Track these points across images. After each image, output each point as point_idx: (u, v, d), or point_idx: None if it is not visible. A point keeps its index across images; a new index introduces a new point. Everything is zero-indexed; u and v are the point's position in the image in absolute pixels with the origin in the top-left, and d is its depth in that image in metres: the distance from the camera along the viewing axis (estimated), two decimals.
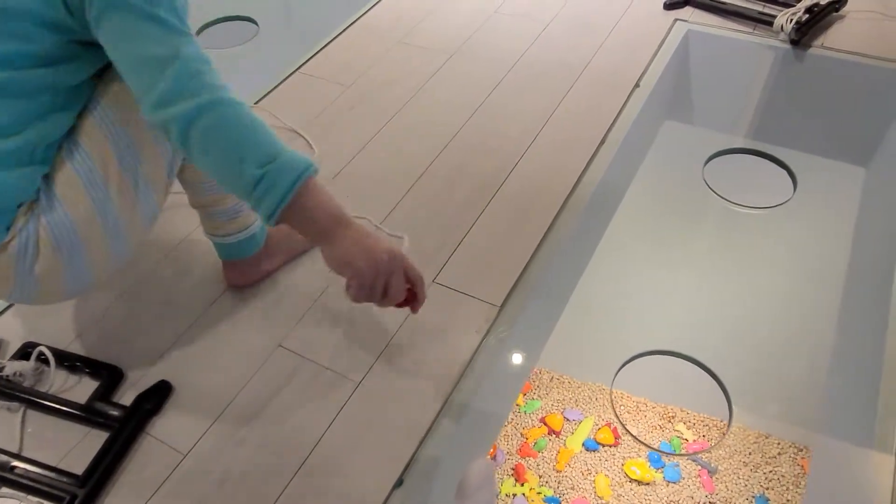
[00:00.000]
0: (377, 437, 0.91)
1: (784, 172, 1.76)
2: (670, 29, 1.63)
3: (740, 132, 1.80)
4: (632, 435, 1.39)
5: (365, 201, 1.23)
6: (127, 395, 0.95)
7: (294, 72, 1.55)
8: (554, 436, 1.39)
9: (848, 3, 1.63)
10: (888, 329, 1.00)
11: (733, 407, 1.39)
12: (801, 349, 1.47)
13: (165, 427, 0.92)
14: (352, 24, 1.72)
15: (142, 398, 0.94)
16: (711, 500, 1.28)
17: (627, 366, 1.48)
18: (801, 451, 1.32)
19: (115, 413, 0.92)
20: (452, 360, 0.99)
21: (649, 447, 1.36)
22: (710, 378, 1.45)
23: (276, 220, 0.74)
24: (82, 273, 0.83)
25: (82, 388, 0.96)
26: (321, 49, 1.64)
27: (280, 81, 1.53)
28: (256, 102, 1.47)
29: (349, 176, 1.29)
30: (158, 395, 0.95)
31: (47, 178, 0.79)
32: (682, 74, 1.72)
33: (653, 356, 1.48)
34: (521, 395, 1.45)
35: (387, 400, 0.95)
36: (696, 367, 1.45)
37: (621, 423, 1.40)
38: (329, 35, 1.67)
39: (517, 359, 1.22)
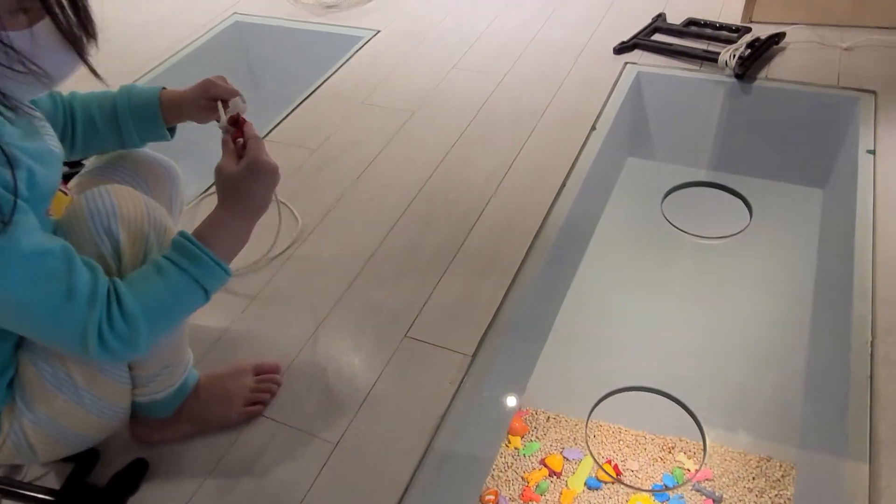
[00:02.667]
0: (357, 498, 0.91)
1: (739, 202, 1.81)
2: (621, 72, 1.70)
3: (701, 164, 1.86)
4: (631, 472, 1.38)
5: (335, 262, 1.26)
6: (103, 476, 0.94)
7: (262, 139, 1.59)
8: (555, 477, 1.38)
9: (786, 35, 1.71)
10: (851, 347, 1.02)
11: (706, 435, 1.40)
12: (775, 370, 1.49)
13: None
14: (315, 90, 1.77)
15: (117, 478, 0.93)
16: None
17: (619, 400, 1.49)
18: (793, 469, 1.32)
19: (91, 497, 0.91)
20: (429, 413, 1.00)
21: (649, 488, 1.36)
22: (683, 410, 1.45)
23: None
24: (85, 441, 0.88)
25: (57, 473, 0.95)
26: (287, 116, 1.69)
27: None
28: None
29: (319, 237, 1.32)
30: (134, 473, 0.94)
31: (14, 383, 0.81)
32: (638, 113, 1.78)
33: (629, 392, 1.49)
34: (518, 438, 1.45)
35: (365, 457, 0.95)
36: (671, 401, 1.46)
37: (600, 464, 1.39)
38: (293, 102, 1.72)
39: (497, 402, 1.23)
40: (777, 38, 1.68)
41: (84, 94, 0.97)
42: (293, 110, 1.70)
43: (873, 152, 1.35)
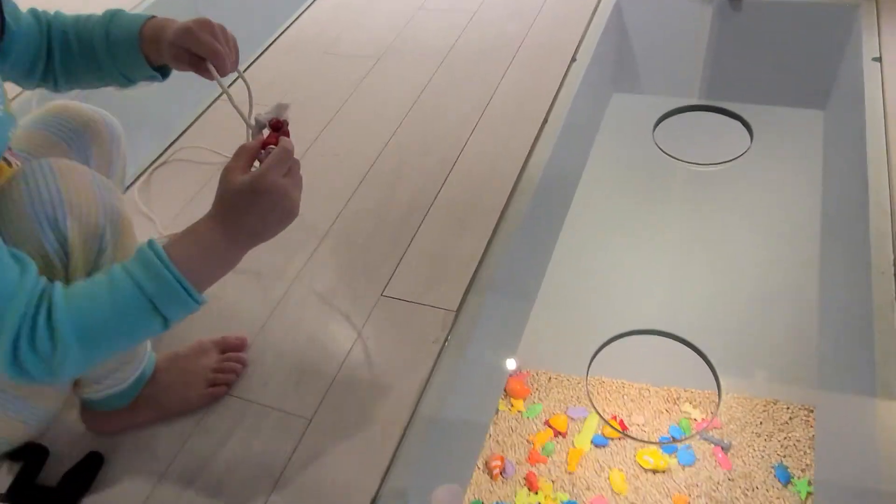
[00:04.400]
0: (337, 476, 0.82)
1: (738, 124, 1.69)
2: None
3: (692, 93, 1.74)
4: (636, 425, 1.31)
5: (301, 221, 1.15)
6: (55, 473, 0.85)
7: (214, 101, 1.47)
8: (561, 437, 1.33)
9: None
10: (872, 268, 0.92)
11: (720, 379, 1.32)
12: (786, 305, 1.40)
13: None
14: (272, 43, 1.64)
15: (70, 475, 0.84)
16: (730, 478, 1.23)
17: (624, 346, 1.41)
18: (812, 411, 1.25)
19: (40, 498, 0.82)
20: (411, 378, 0.90)
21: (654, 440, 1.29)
22: (694, 352, 1.37)
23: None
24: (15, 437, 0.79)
25: (3, 474, 0.86)
26: (244, 70, 1.55)
27: (203, 110, 1.45)
28: (180, 135, 1.39)
29: None
30: (88, 469, 0.85)
31: None
32: (622, 44, 1.66)
33: (634, 336, 1.41)
34: (521, 401, 1.40)
35: (344, 431, 0.86)
36: (679, 343, 1.38)
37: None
38: (250, 58, 1.60)
39: (487, 362, 1.14)
40: None
41: (68, 15, 0.81)
42: (251, 65, 1.58)
43: (880, 59, 1.24)
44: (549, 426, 1.34)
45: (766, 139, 1.65)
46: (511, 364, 1.41)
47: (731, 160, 1.62)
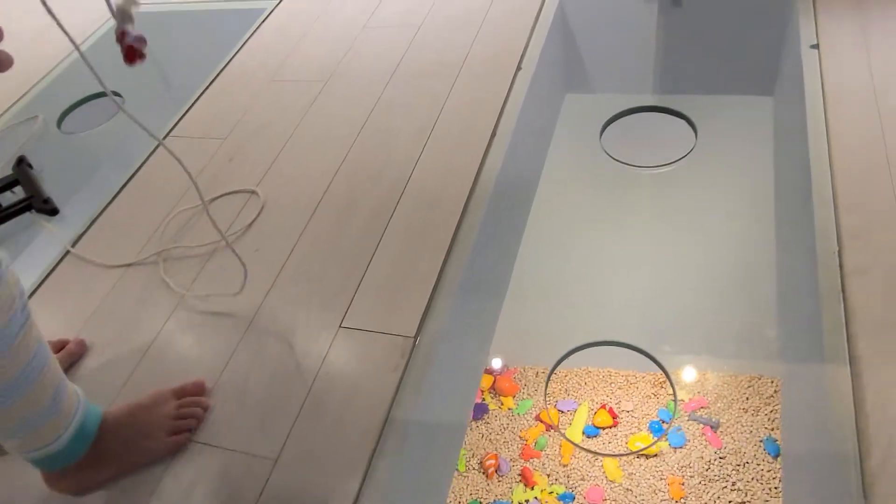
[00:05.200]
0: None
1: (682, 122, 1.71)
2: (542, 4, 1.57)
3: (645, 89, 1.75)
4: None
5: (257, 258, 1.14)
6: None
7: (166, 136, 1.46)
8: (553, 431, 1.34)
9: None
10: (818, 260, 0.94)
11: (676, 388, 1.34)
12: (747, 293, 1.42)
13: None
14: (219, 73, 1.63)
15: None
16: (721, 455, 1.25)
17: (591, 353, 1.42)
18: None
19: None
20: (375, 407, 0.90)
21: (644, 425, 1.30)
22: (650, 360, 1.39)
23: None
24: None
25: None
26: (192, 105, 1.55)
27: (151, 151, 1.43)
28: (128, 180, 1.37)
29: (237, 235, 1.20)
30: None
31: None
32: (568, 47, 1.67)
33: (598, 347, 1.42)
34: (510, 398, 1.40)
35: (311, 466, 0.86)
36: (636, 352, 1.39)
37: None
38: (195, 92, 1.58)
39: (455, 380, 1.14)
40: None
41: None
42: (198, 98, 1.56)
43: (817, 46, 1.25)
44: (540, 421, 1.34)
45: (717, 131, 1.67)
46: (497, 363, 1.41)
47: (676, 160, 1.64)
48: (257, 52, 1.67)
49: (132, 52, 0.73)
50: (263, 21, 1.78)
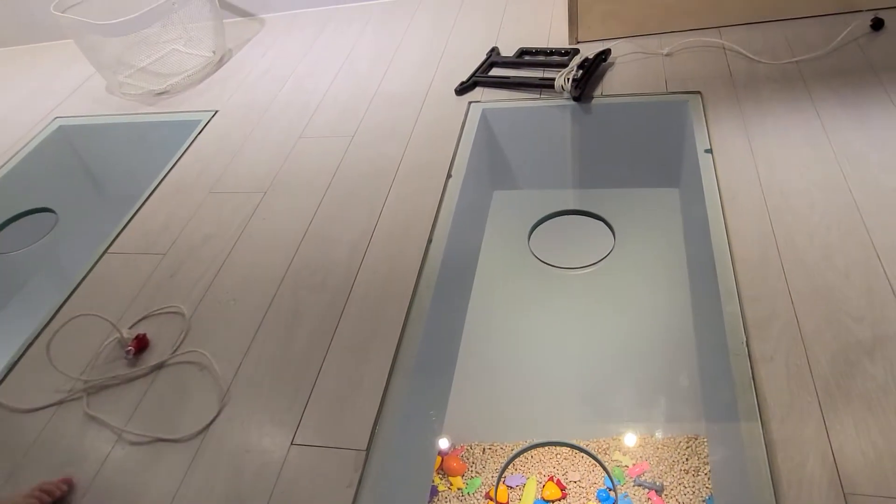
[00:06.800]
0: None
1: (601, 224, 1.86)
2: (467, 112, 1.70)
3: (565, 184, 1.89)
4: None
5: (200, 382, 1.15)
6: None
7: (102, 254, 1.46)
8: None
9: (612, 51, 1.78)
10: (729, 350, 1.04)
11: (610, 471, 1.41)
12: (675, 375, 1.52)
13: None
14: (157, 186, 1.66)
15: None
16: None
17: (533, 455, 1.46)
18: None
19: None
20: None
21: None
22: (594, 461, 1.46)
23: None
24: None
25: None
26: (129, 220, 1.56)
27: (89, 269, 1.43)
28: (66, 299, 1.36)
29: (182, 353, 1.21)
30: None
31: None
32: (493, 149, 1.79)
33: (540, 448, 1.48)
34: (459, 478, 1.40)
35: None
36: (581, 452, 1.46)
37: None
38: (133, 207, 1.60)
39: (408, 486, 1.16)
40: (604, 54, 1.75)
41: None
42: (136, 213, 1.58)
43: (710, 151, 1.41)
44: (490, 499, 1.36)
45: (633, 226, 1.82)
46: (443, 443, 1.43)
47: (597, 262, 1.77)
48: (194, 164, 1.71)
49: None
50: (200, 132, 1.83)
